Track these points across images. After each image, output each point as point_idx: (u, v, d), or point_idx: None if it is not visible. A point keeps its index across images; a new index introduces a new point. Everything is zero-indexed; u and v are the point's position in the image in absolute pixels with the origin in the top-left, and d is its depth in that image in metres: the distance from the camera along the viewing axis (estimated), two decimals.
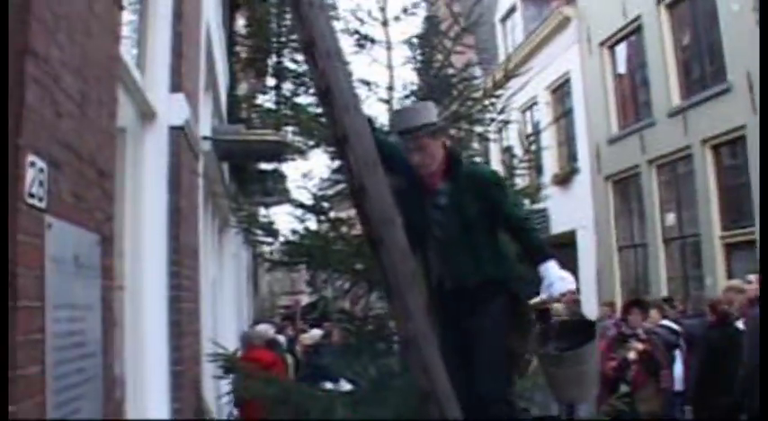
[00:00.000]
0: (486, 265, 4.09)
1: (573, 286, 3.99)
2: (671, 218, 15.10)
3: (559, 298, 4.00)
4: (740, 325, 7.14)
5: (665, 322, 8.37)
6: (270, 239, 5.62)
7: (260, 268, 20.17)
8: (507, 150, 6.27)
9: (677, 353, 7.98)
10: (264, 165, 13.53)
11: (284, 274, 23.99)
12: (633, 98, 16.35)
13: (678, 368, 7.95)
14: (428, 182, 4.13)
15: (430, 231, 4.15)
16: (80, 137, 2.76)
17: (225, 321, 9.87)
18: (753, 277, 8.60)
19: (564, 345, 4.06)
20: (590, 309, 13.52)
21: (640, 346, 7.67)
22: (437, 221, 4.12)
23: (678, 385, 8.34)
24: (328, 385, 6.35)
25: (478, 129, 5.87)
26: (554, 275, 3.96)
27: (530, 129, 18.99)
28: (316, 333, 11.39)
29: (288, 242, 5.43)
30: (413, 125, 4.05)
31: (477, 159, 5.94)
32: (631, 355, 7.65)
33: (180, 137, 5.19)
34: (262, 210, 12.45)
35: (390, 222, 3.93)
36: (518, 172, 5.76)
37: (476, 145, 6.26)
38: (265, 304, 21.66)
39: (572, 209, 17.43)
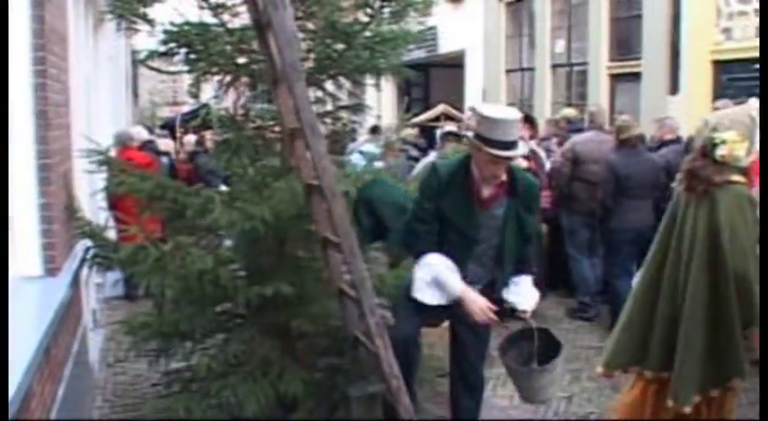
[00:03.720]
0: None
1: (532, 306, 4.49)
2: (560, 45, 15.11)
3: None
4: None
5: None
6: (147, 28, 5.18)
7: (140, 77, 19.36)
8: None
9: None
10: None
11: (166, 86, 23.16)
12: None
13: None
14: (484, 191, 4.26)
15: (477, 237, 4.32)
16: None
17: (101, 123, 9.39)
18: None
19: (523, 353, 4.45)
20: None
21: (524, 163, 7.67)
22: (491, 228, 4.31)
23: None
24: None
25: None
26: (528, 290, 4.47)
27: None
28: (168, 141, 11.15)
29: (166, 31, 5.03)
30: (514, 140, 4.12)
31: None
32: None
33: None
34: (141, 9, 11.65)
35: (280, 4, 3.65)
36: None
37: None
38: (146, 113, 20.93)
39: (463, 28, 17.18)
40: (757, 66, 8.90)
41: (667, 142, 8.13)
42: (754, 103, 4.52)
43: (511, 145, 4.07)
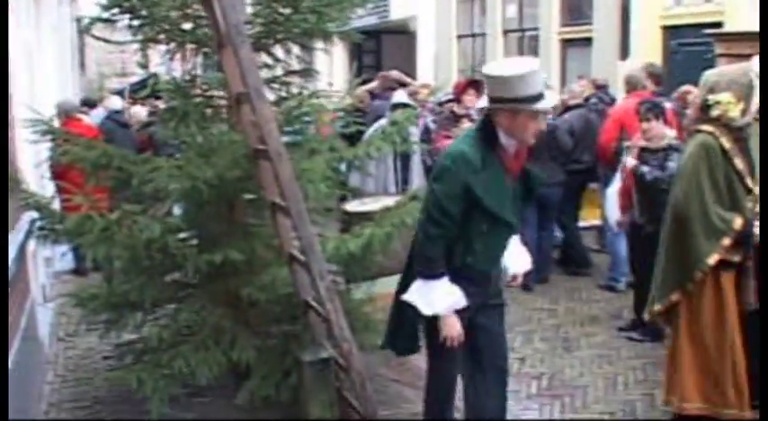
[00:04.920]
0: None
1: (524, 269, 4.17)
2: (512, 10, 15.13)
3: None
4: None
5: None
6: None
7: (87, 47, 18.94)
8: None
9: None
10: None
11: (114, 56, 22.69)
12: None
13: None
14: (513, 163, 3.78)
15: (514, 222, 3.88)
16: None
17: (46, 94, 9.17)
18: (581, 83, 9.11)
19: None
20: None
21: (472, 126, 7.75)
22: (512, 207, 3.82)
23: None
24: None
25: None
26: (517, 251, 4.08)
27: None
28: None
29: None
30: (542, 91, 3.62)
31: None
32: None
33: None
34: None
35: None
36: None
37: None
38: (94, 85, 20.50)
39: None
40: (706, 30, 9.02)
41: (572, 107, 8.37)
42: (754, 63, 4.51)
43: (542, 96, 3.64)
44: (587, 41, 12.65)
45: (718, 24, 9.66)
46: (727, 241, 4.12)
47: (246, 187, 4.63)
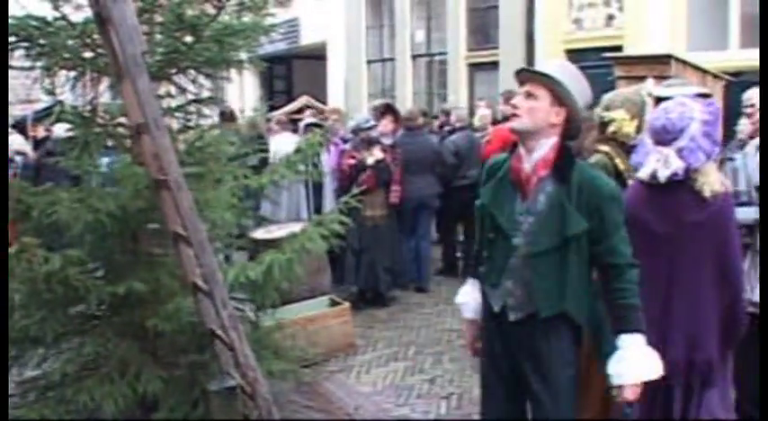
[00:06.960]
0: (569, 297, 3.29)
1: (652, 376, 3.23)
2: (420, 34, 15.39)
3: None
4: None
5: None
6: None
7: None
8: None
9: None
10: None
11: (18, 82, 22.10)
12: None
13: None
14: (525, 179, 3.36)
15: (509, 242, 3.40)
16: None
17: None
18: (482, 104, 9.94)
19: None
20: None
21: (380, 154, 7.78)
22: (526, 231, 3.35)
23: None
24: None
25: None
26: (635, 357, 3.19)
27: None
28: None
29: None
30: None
31: None
32: (369, 161, 7.73)
33: None
34: None
35: None
36: None
37: None
38: None
39: (324, 20, 17.26)
40: (606, 54, 9.37)
41: (457, 129, 9.34)
42: (649, 84, 4.72)
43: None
44: (494, 65, 12.96)
45: (619, 48, 10.03)
46: None
47: (150, 217, 4.60)
